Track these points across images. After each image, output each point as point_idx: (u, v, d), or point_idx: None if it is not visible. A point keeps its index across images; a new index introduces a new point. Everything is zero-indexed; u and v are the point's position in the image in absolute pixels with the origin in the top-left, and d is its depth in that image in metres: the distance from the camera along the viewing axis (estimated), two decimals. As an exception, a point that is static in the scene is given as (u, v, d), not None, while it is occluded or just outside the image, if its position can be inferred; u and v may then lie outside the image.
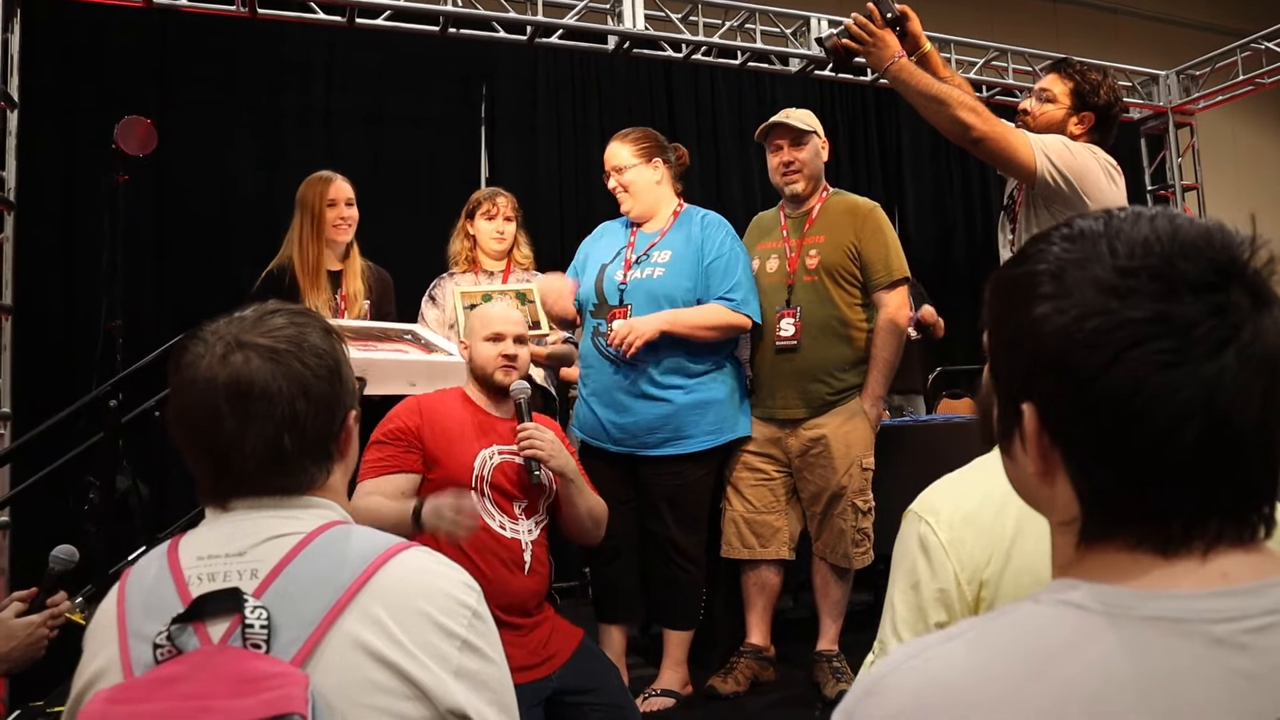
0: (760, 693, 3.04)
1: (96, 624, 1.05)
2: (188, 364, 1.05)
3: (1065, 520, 0.69)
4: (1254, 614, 0.61)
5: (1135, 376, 0.61)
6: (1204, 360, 0.61)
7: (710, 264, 2.98)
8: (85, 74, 4.49)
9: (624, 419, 2.92)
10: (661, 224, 3.09)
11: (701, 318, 2.92)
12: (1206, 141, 6.92)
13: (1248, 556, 0.64)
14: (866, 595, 3.97)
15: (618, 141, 3.11)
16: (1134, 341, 0.61)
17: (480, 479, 2.27)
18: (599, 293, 3.01)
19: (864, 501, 3.01)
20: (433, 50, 5.01)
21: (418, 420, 2.30)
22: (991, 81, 5.91)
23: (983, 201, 6.70)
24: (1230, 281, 0.62)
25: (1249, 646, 0.60)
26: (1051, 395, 0.66)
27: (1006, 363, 0.71)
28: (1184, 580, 0.63)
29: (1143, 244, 0.64)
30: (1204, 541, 0.64)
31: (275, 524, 1.04)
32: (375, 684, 0.94)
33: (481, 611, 1.04)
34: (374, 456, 2.27)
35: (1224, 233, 0.65)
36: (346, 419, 1.11)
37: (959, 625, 0.67)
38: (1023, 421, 0.68)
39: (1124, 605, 0.62)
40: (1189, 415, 0.61)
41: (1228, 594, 0.62)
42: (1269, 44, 5.90)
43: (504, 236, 3.49)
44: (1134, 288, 0.62)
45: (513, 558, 2.26)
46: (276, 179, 4.71)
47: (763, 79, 5.85)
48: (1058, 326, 0.64)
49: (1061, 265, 0.66)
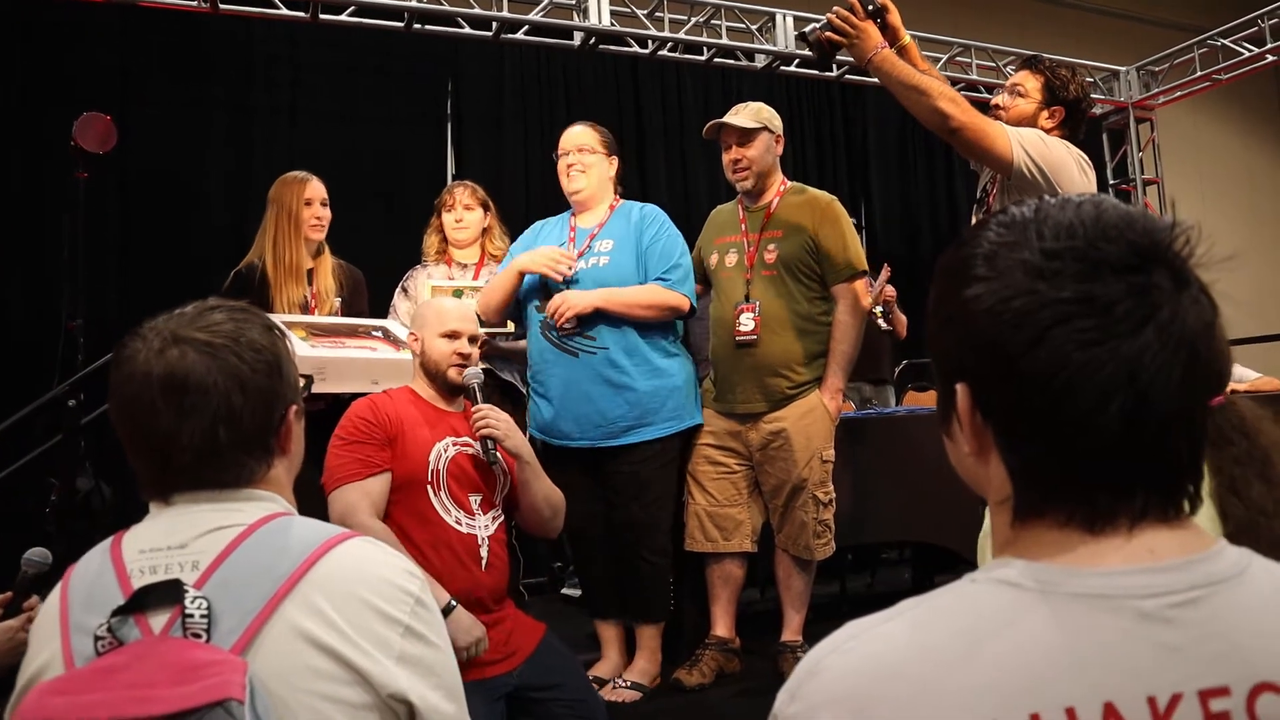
0: (725, 684, 3.07)
1: (41, 619, 1.06)
2: (126, 359, 1.06)
3: (1001, 499, 0.71)
4: (1180, 589, 0.63)
5: (1059, 355, 0.63)
6: (1125, 338, 0.62)
7: (648, 248, 3.01)
8: (46, 70, 4.44)
9: (586, 409, 2.93)
10: (600, 217, 3.11)
11: (637, 296, 2.94)
12: (1168, 136, 7.03)
13: (1174, 533, 0.66)
14: (831, 586, 4.02)
15: (583, 126, 3.16)
16: (1057, 320, 0.63)
17: (435, 473, 2.25)
18: (544, 287, 3.02)
19: (825, 493, 3.04)
20: (398, 46, 5.00)
21: (382, 416, 2.26)
22: (955, 77, 5.96)
23: (948, 196, 6.77)
24: (1151, 263, 0.64)
25: (1174, 620, 0.62)
26: (982, 374, 0.68)
27: (943, 343, 0.73)
28: (1112, 556, 0.65)
29: (1067, 228, 0.66)
30: (1129, 517, 0.66)
31: (217, 516, 1.05)
32: (315, 670, 0.95)
33: (425, 599, 1.06)
34: (352, 457, 2.21)
35: (1146, 217, 0.67)
36: (287, 414, 1.11)
37: (900, 605, 0.68)
38: (957, 400, 0.70)
39: (1055, 582, 0.64)
40: (1111, 392, 0.62)
41: (1155, 570, 0.64)
42: (1225, 41, 6.01)
43: (463, 225, 3.50)
44: (1058, 269, 0.64)
45: (469, 553, 2.23)
46: (242, 176, 4.69)
47: (729, 75, 5.88)
48: (987, 307, 0.66)
49: (994, 249, 0.68)
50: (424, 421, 2.31)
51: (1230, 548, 0.68)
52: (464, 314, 2.47)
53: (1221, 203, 8.26)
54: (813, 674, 0.66)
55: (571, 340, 2.94)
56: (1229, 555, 0.67)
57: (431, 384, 2.40)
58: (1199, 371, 0.64)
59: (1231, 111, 8.41)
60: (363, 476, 2.19)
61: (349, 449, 2.22)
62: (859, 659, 0.65)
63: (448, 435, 2.31)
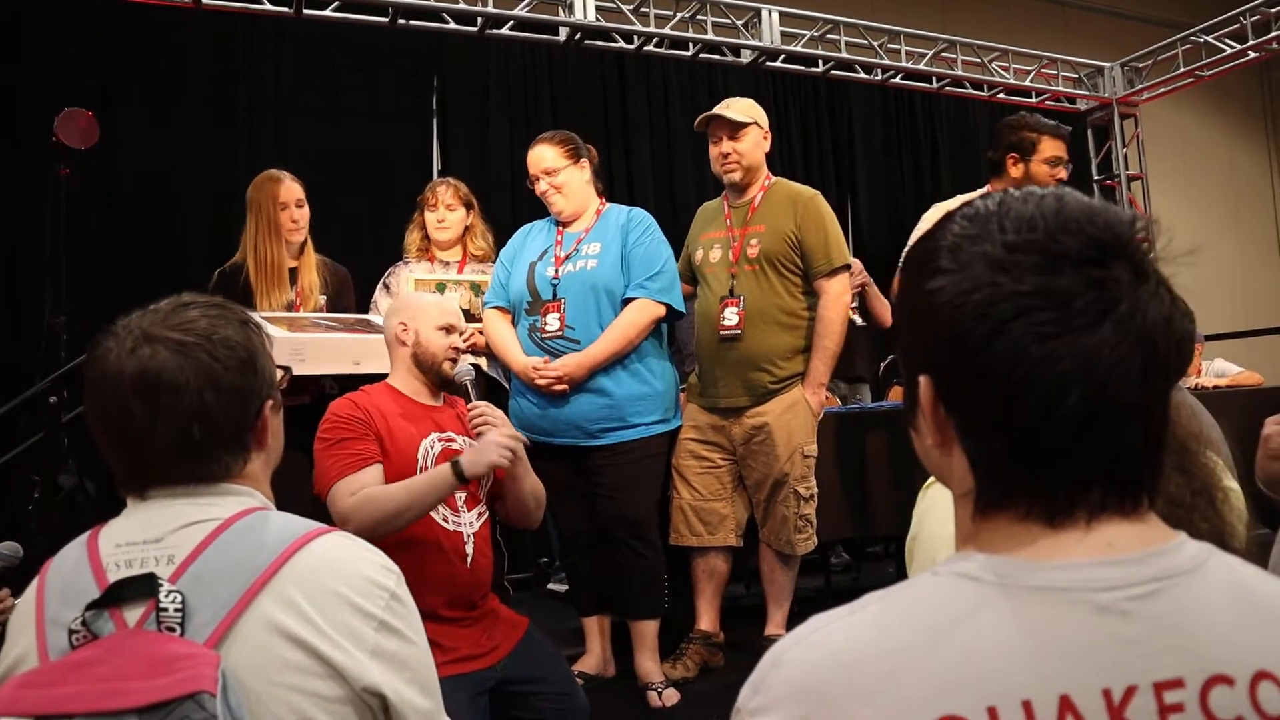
0: (709, 678, 3.08)
1: (17, 613, 1.06)
2: (99, 358, 1.06)
3: (963, 492, 0.71)
4: (1137, 582, 0.64)
5: (1017, 347, 0.63)
6: (1082, 332, 0.62)
7: (630, 251, 2.98)
8: (28, 65, 4.41)
9: (567, 410, 2.92)
10: (586, 221, 3.09)
11: (623, 333, 2.90)
12: (1153, 132, 7.06)
13: (1132, 526, 0.66)
14: (817, 580, 4.04)
15: (543, 144, 3.08)
16: (1016, 313, 0.63)
17: (424, 469, 2.24)
18: (531, 290, 3.00)
19: (806, 488, 3.06)
20: (383, 41, 4.99)
21: (364, 412, 2.23)
22: (940, 73, 5.99)
23: (934, 191, 6.77)
24: (1111, 256, 0.64)
25: (1131, 613, 0.63)
26: (944, 367, 0.68)
27: (907, 335, 0.73)
28: (1072, 550, 0.65)
29: (1029, 221, 0.66)
30: (1088, 511, 0.66)
31: (193, 510, 1.05)
32: (289, 663, 0.96)
33: (400, 593, 1.06)
34: (342, 454, 2.16)
35: (1108, 211, 0.67)
36: (262, 408, 1.12)
37: (863, 599, 0.69)
38: (919, 392, 0.71)
39: (1015, 575, 0.65)
40: (1069, 385, 0.62)
41: (1113, 563, 0.64)
42: (1207, 37, 6.04)
43: (445, 225, 3.49)
44: (1018, 262, 0.64)
45: (455, 550, 2.22)
46: (226, 172, 4.67)
47: (715, 70, 5.88)
48: (948, 299, 0.66)
49: (957, 241, 0.68)
50: (407, 417, 2.28)
51: (1190, 542, 0.68)
52: (458, 312, 2.47)
53: (1206, 197, 8.31)
54: (775, 666, 0.67)
55: (555, 341, 2.93)
56: (1188, 549, 0.67)
57: (421, 376, 2.35)
58: (1158, 365, 0.64)
59: (1215, 106, 8.46)
60: (357, 469, 2.14)
61: (337, 448, 2.17)
62: (821, 652, 0.66)
63: (432, 431, 2.29)
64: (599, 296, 2.93)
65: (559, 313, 2.93)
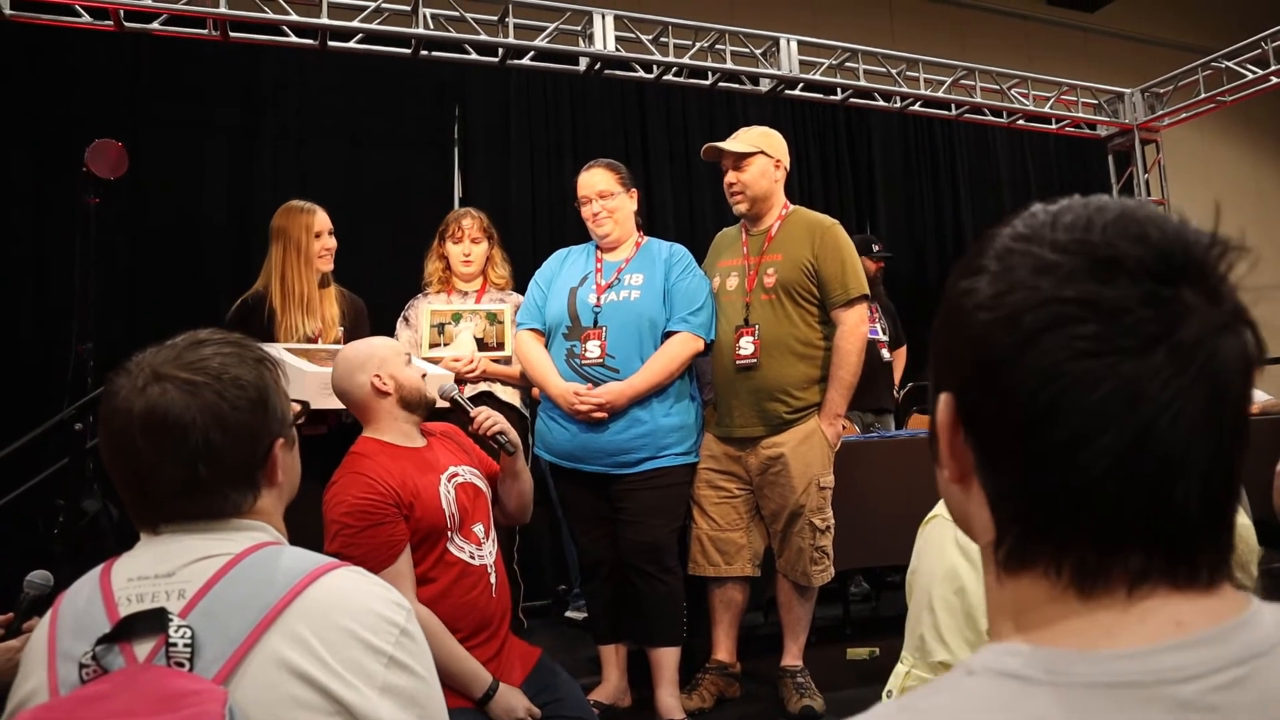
0: (725, 709, 3.06)
1: (31, 647, 1.07)
2: (111, 394, 1.08)
3: (987, 541, 0.60)
4: (1221, 666, 0.51)
5: (1049, 363, 0.53)
6: (1128, 355, 0.51)
7: (674, 285, 3.03)
8: (57, 96, 4.51)
9: (600, 438, 2.93)
10: (627, 252, 3.13)
11: (665, 365, 2.95)
12: (1175, 157, 7.02)
13: (1197, 599, 0.54)
14: (835, 609, 4.01)
15: (599, 169, 3.14)
16: (1054, 322, 0.53)
17: (452, 517, 2.21)
18: (572, 315, 3.02)
19: (822, 520, 3.04)
20: (406, 72, 5.06)
21: (382, 488, 2.12)
22: (960, 100, 5.99)
23: (954, 218, 6.77)
24: (1179, 274, 0.53)
25: (1219, 708, 0.50)
26: (966, 380, 0.58)
27: (936, 344, 0.63)
28: (1134, 630, 0.53)
29: (1085, 222, 0.56)
30: (1127, 578, 0.54)
31: (205, 545, 1.06)
32: (297, 700, 0.96)
33: (410, 629, 1.06)
34: (371, 544, 2.06)
35: (1185, 223, 0.56)
36: (272, 447, 1.12)
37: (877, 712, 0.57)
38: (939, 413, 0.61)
39: (1066, 671, 0.52)
40: (1105, 416, 0.52)
41: (1186, 646, 0.52)
42: (1229, 63, 6.01)
43: (470, 259, 3.52)
44: (1064, 265, 0.54)
45: (483, 585, 2.25)
46: (250, 201, 4.74)
47: (734, 99, 5.92)
48: (980, 301, 0.57)
49: (1007, 244, 0.58)
50: (415, 470, 2.22)
51: (1265, 608, 0.55)
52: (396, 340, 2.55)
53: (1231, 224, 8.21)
54: None
55: (594, 368, 2.95)
56: (1264, 617, 0.54)
57: (411, 417, 2.30)
58: (1225, 414, 0.53)
59: (1239, 130, 8.41)
60: (393, 560, 2.09)
61: (365, 535, 2.08)
62: None
63: (438, 475, 2.27)
64: (641, 327, 2.96)
65: (600, 340, 2.95)
